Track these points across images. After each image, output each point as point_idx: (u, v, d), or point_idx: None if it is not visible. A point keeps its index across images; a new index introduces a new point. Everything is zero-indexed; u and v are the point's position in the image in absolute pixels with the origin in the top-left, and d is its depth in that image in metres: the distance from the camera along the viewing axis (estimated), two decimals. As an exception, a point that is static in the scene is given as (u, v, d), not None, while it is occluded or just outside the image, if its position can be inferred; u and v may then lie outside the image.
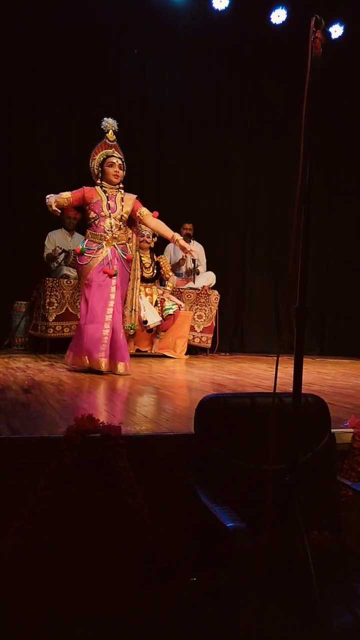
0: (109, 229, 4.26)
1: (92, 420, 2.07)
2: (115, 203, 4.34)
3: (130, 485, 2.00)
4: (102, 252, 4.24)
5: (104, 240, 4.27)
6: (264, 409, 1.81)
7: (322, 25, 1.62)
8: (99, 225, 4.28)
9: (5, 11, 6.23)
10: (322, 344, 7.85)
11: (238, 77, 7.52)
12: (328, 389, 3.90)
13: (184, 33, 7.05)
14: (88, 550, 2.01)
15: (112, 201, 4.34)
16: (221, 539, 1.43)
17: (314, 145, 1.63)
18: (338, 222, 7.93)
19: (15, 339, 6.23)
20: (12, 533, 1.88)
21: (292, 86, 7.20)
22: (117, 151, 4.45)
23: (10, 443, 1.98)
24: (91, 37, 6.76)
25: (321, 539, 2.02)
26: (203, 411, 1.83)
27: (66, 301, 6.01)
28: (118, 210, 4.33)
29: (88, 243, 4.31)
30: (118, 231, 4.30)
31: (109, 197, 4.35)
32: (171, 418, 2.56)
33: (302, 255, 1.65)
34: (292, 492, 1.59)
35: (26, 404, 2.74)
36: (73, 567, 1.99)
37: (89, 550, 2.01)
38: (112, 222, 4.28)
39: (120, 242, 4.33)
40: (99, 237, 4.28)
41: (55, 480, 1.93)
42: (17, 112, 6.47)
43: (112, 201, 4.34)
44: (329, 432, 1.90)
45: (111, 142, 4.45)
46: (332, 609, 1.49)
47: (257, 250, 7.70)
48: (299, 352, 1.65)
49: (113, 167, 4.36)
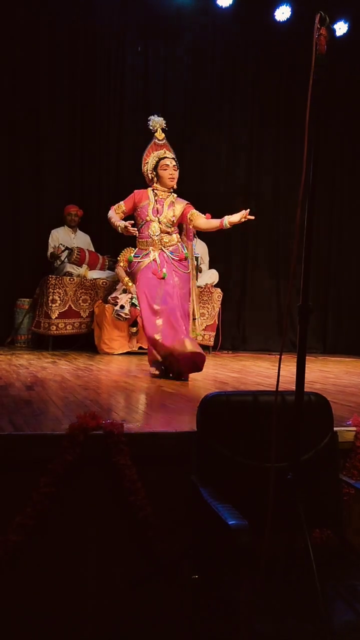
0: (154, 233, 3.99)
1: (94, 417, 2.08)
2: (163, 207, 4.04)
3: (132, 482, 2.00)
4: (148, 257, 3.99)
5: (150, 245, 4.01)
6: (267, 407, 1.80)
7: (327, 22, 1.62)
8: (144, 231, 4.03)
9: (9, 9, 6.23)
10: (325, 342, 7.84)
11: (241, 75, 7.50)
12: (331, 387, 3.89)
13: (187, 29, 7.04)
14: (89, 547, 2.02)
15: (160, 205, 4.04)
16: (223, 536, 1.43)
17: (318, 143, 1.62)
18: (341, 220, 7.92)
19: (18, 336, 6.25)
20: (14, 529, 1.89)
21: (296, 83, 7.18)
22: (168, 151, 4.16)
23: (13, 440, 1.99)
24: (93, 35, 6.76)
25: (323, 537, 2.02)
26: (205, 409, 1.83)
27: (69, 298, 6.02)
28: (165, 213, 4.02)
29: (137, 251, 4.09)
30: (165, 234, 4.01)
31: (158, 200, 4.05)
32: (173, 415, 2.57)
33: (305, 253, 1.65)
34: (294, 490, 1.59)
35: (29, 401, 2.75)
36: (74, 563, 2.00)
37: (91, 547, 2.02)
38: (158, 226, 4.00)
39: (168, 245, 4.03)
40: (145, 243, 4.03)
41: (58, 477, 1.94)
42: (20, 111, 6.47)
43: (160, 205, 4.04)
44: (331, 431, 1.90)
45: (160, 141, 4.17)
46: (334, 606, 1.50)
47: (260, 248, 7.70)
48: (302, 351, 1.65)
49: (168, 170, 4.04)
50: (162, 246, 4.00)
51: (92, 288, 6.19)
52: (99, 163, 6.88)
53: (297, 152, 7.23)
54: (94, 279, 6.24)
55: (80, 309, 6.11)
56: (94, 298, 6.18)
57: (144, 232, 4.03)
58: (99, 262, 6.44)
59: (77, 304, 6.09)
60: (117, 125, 6.96)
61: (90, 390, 3.29)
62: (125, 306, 5.80)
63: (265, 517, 1.50)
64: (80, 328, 6.13)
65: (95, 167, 6.85)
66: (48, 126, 6.61)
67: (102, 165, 6.91)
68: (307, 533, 1.51)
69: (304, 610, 1.45)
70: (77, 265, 6.21)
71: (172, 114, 7.11)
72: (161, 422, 2.43)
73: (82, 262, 6.23)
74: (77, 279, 6.10)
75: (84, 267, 6.24)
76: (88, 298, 6.15)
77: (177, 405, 2.94)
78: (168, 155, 4.10)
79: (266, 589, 1.52)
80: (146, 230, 4.02)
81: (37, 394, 3.00)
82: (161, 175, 4.07)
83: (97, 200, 6.82)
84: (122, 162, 6.96)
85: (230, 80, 7.48)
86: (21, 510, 1.91)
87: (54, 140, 6.63)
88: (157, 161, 4.08)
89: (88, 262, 6.29)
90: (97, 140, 6.86)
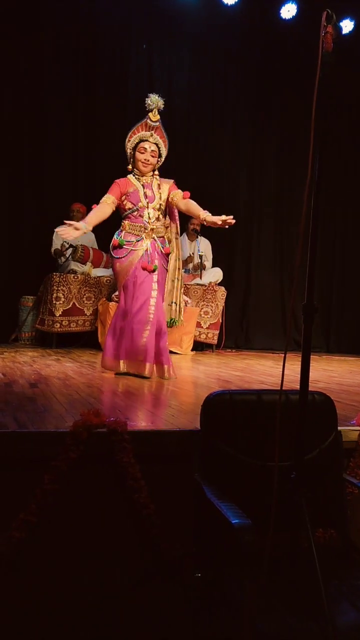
0: (147, 219, 3.83)
1: (98, 415, 2.08)
2: (152, 191, 3.89)
3: (135, 480, 2.00)
4: (141, 244, 3.82)
5: (143, 232, 3.84)
6: (270, 406, 1.80)
7: (333, 20, 1.61)
8: (137, 217, 3.86)
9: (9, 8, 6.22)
10: (329, 341, 7.83)
11: (247, 73, 7.48)
12: (335, 386, 3.89)
13: (193, 27, 7.02)
14: (93, 545, 2.02)
15: (149, 189, 3.88)
16: (226, 535, 1.43)
17: (323, 141, 1.62)
18: (345, 218, 7.90)
19: (22, 334, 6.26)
20: (18, 526, 1.89)
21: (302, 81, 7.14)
22: (157, 134, 3.92)
23: (17, 437, 1.99)
24: (96, 35, 6.75)
25: (327, 536, 2.02)
26: (209, 407, 1.83)
27: (73, 296, 6.03)
28: (156, 199, 3.88)
29: (125, 235, 3.86)
30: (157, 222, 3.88)
31: (145, 185, 3.89)
32: (177, 414, 2.57)
33: (310, 252, 1.64)
34: (298, 489, 1.58)
35: (33, 398, 2.75)
36: (78, 561, 2.00)
37: (94, 544, 2.02)
38: (151, 212, 3.84)
39: (159, 234, 3.92)
40: (138, 229, 3.84)
41: (61, 474, 1.94)
42: (23, 109, 6.47)
43: (149, 189, 3.88)
44: (335, 430, 1.90)
45: (153, 122, 3.90)
46: (338, 606, 1.49)
47: (264, 247, 7.68)
48: (306, 350, 1.64)
49: (144, 155, 3.87)
50: (154, 234, 3.87)
51: (96, 286, 6.20)
52: (103, 161, 6.87)
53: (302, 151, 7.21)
54: (97, 276, 6.24)
55: (84, 307, 6.11)
56: (98, 296, 6.18)
57: (136, 218, 3.86)
58: (103, 260, 6.44)
59: (81, 301, 6.09)
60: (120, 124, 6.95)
61: (94, 387, 3.29)
62: None
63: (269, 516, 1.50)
64: (84, 325, 6.13)
65: (99, 165, 6.84)
66: (51, 123, 6.60)
67: (105, 162, 6.89)
68: (310, 532, 1.51)
69: (308, 610, 1.45)
70: (81, 263, 6.21)
71: (175, 113, 7.14)
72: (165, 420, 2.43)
73: (86, 259, 6.24)
74: (81, 277, 6.10)
75: (88, 265, 6.25)
76: (92, 296, 6.16)
77: (180, 403, 2.94)
78: (150, 139, 3.88)
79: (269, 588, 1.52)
80: (139, 217, 3.85)
81: (40, 392, 3.00)
82: (136, 158, 3.91)
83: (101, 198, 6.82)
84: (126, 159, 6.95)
85: (235, 78, 7.45)
86: (25, 507, 1.91)
87: (58, 138, 6.63)
88: (137, 142, 3.91)
89: (92, 259, 6.29)
90: (100, 138, 6.86)
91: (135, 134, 3.92)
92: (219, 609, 1.55)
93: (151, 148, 3.88)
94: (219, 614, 1.54)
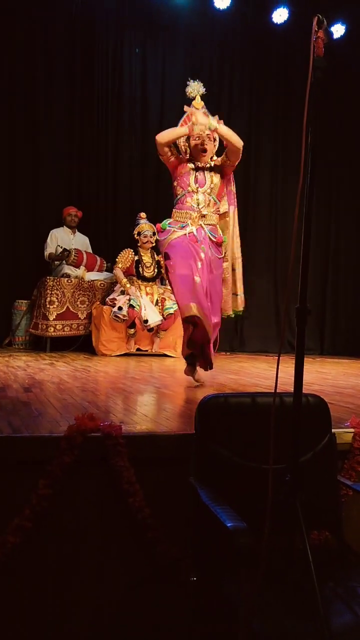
0: (196, 205, 3.65)
1: (92, 419, 2.08)
2: (204, 176, 3.68)
3: (130, 484, 2.00)
4: (185, 229, 3.64)
5: (189, 218, 3.64)
6: (265, 409, 1.81)
7: (324, 25, 1.62)
8: (184, 202, 3.68)
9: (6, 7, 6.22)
10: (322, 344, 7.85)
11: (239, 77, 7.50)
12: (329, 388, 3.90)
13: (185, 32, 7.04)
14: (88, 549, 2.01)
15: (201, 174, 3.69)
16: (222, 538, 1.43)
17: (315, 145, 1.63)
18: (338, 221, 7.93)
19: (16, 338, 6.24)
20: (13, 530, 1.89)
21: (293, 86, 7.19)
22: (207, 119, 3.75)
23: (11, 442, 1.98)
24: (92, 36, 6.76)
25: (322, 539, 2.02)
26: (204, 410, 1.83)
27: (67, 300, 6.02)
28: (207, 183, 3.68)
29: (172, 222, 3.69)
30: (207, 208, 3.67)
31: (198, 169, 3.69)
32: (172, 417, 2.57)
33: (303, 254, 1.65)
34: (292, 492, 1.59)
35: (27, 403, 2.74)
36: (73, 565, 2.00)
37: (89, 548, 2.01)
38: (200, 197, 3.65)
39: (208, 222, 3.69)
40: (184, 215, 3.66)
41: (56, 478, 1.94)
42: (17, 110, 6.47)
43: (201, 174, 3.69)
44: (329, 432, 1.90)
45: (199, 109, 3.78)
46: (333, 608, 1.50)
47: (257, 249, 7.69)
48: (300, 352, 1.65)
49: (200, 140, 3.66)
50: (203, 221, 3.67)
51: (89, 289, 6.19)
52: (97, 164, 6.88)
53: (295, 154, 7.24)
54: (91, 280, 6.24)
55: (78, 311, 6.11)
56: (92, 299, 6.18)
57: (183, 202, 3.68)
58: (97, 264, 6.44)
59: (75, 305, 6.08)
60: (115, 127, 6.97)
61: (88, 392, 3.28)
62: (123, 307, 5.80)
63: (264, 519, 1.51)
64: (78, 329, 6.12)
65: (93, 169, 6.85)
66: (45, 127, 6.60)
67: (100, 167, 6.91)
68: (305, 534, 1.52)
69: (303, 611, 1.46)
70: (75, 267, 6.21)
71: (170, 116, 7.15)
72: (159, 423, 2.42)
73: (79, 263, 6.24)
74: (74, 281, 6.10)
75: (82, 269, 6.24)
76: (86, 299, 6.15)
77: (175, 406, 2.94)
78: (203, 122, 3.69)
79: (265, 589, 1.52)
80: (186, 202, 3.67)
81: (34, 396, 2.99)
82: (193, 146, 3.69)
83: (95, 202, 6.83)
84: (120, 163, 6.97)
85: (228, 82, 7.48)
86: (19, 512, 1.90)
87: (52, 141, 6.63)
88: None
89: (86, 263, 6.29)
90: (95, 141, 6.87)
91: (184, 125, 3.79)
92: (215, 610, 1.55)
93: (206, 132, 3.68)
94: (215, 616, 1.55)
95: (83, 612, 1.99)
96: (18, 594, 1.94)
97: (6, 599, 1.93)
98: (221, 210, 3.84)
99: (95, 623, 2.00)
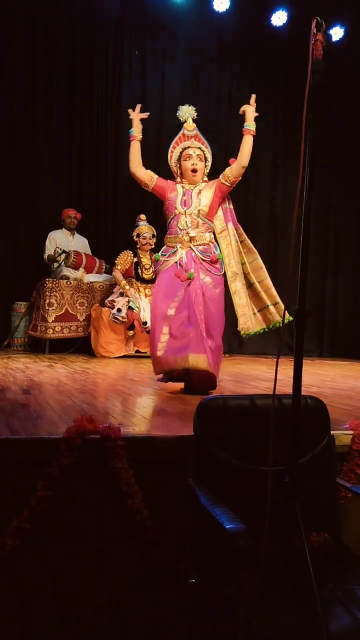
0: (183, 227, 3.66)
1: (91, 421, 2.08)
2: (191, 197, 3.69)
3: (129, 486, 2.00)
4: (175, 256, 3.65)
5: (178, 242, 3.66)
6: (264, 411, 1.81)
7: (323, 28, 1.63)
8: (173, 226, 3.71)
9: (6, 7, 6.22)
10: (321, 346, 7.85)
11: (238, 80, 7.51)
12: (327, 390, 3.90)
13: (185, 32, 7.05)
14: (87, 550, 2.01)
15: (188, 196, 3.70)
16: (221, 540, 1.43)
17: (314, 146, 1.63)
18: (337, 223, 7.94)
19: (15, 340, 6.23)
20: (12, 532, 1.88)
21: (292, 88, 7.20)
22: (197, 141, 3.79)
23: (9, 443, 1.98)
24: (91, 39, 6.77)
25: (320, 541, 2.02)
26: (203, 412, 1.83)
27: (66, 302, 6.02)
28: (194, 204, 3.68)
29: (164, 249, 3.74)
30: (195, 229, 3.66)
31: (185, 192, 3.71)
32: (170, 419, 2.57)
33: (302, 256, 1.65)
34: (291, 494, 1.59)
35: (26, 405, 2.74)
36: (72, 566, 1.99)
37: (88, 550, 2.01)
38: (187, 219, 3.66)
39: (198, 242, 3.67)
40: (173, 240, 3.69)
41: (55, 480, 1.94)
42: (17, 110, 6.46)
43: (188, 196, 3.70)
44: (328, 434, 1.90)
45: (190, 132, 3.79)
46: (332, 610, 1.50)
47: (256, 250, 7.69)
48: (299, 354, 1.65)
49: (190, 160, 3.69)
50: (191, 243, 3.66)
51: (89, 291, 6.19)
52: (97, 166, 6.88)
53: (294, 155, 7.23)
54: (90, 282, 6.24)
55: (77, 313, 6.11)
56: (91, 301, 6.18)
57: (172, 227, 3.71)
58: (96, 266, 6.44)
59: (74, 307, 6.08)
60: (115, 127, 6.97)
61: (87, 393, 3.28)
62: (122, 309, 5.80)
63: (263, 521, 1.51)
64: (77, 331, 6.12)
65: (93, 171, 6.85)
66: (45, 129, 6.60)
67: (99, 168, 6.91)
68: (304, 536, 1.52)
69: (303, 613, 1.45)
70: (74, 269, 6.21)
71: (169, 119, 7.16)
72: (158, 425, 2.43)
73: (78, 265, 6.24)
74: (73, 282, 6.10)
75: (81, 271, 6.25)
76: (85, 301, 6.16)
77: (174, 408, 2.94)
78: (193, 145, 3.75)
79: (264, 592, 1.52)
80: (175, 225, 3.69)
81: (33, 398, 2.99)
82: (183, 167, 3.72)
83: (95, 204, 6.83)
84: (120, 165, 6.96)
85: (227, 85, 7.49)
86: (18, 514, 1.90)
87: (51, 144, 6.63)
88: (181, 152, 3.76)
89: (85, 265, 6.30)
90: (94, 144, 6.87)
91: (176, 148, 3.82)
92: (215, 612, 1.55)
93: (196, 152, 3.74)
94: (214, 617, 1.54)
95: (83, 612, 1.99)
96: (18, 594, 1.94)
97: (6, 599, 1.93)
98: (218, 229, 3.82)
99: (94, 625, 2.00)
